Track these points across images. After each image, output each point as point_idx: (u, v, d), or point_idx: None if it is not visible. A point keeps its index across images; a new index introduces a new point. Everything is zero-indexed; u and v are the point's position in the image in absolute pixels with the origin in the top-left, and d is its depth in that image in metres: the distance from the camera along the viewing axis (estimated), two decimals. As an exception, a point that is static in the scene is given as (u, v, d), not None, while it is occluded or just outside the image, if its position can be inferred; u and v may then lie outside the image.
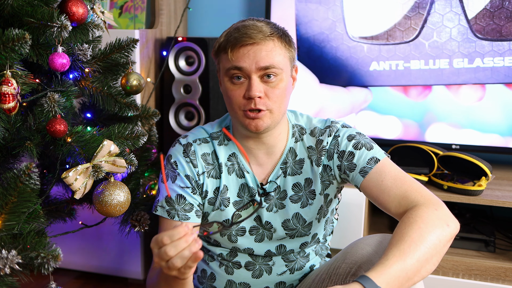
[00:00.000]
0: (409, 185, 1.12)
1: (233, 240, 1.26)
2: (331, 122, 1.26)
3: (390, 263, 0.95)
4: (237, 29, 1.14)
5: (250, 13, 2.34)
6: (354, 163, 1.19)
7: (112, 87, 1.39)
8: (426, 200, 1.08)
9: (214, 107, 2.03)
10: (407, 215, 1.04)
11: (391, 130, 2.02)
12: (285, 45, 1.17)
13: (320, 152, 1.23)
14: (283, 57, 1.16)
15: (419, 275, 0.97)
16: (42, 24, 1.08)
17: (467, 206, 1.95)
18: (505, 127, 1.91)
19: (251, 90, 1.13)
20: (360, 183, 1.18)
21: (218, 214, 1.25)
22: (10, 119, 1.14)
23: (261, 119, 1.15)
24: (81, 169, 1.18)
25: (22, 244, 1.01)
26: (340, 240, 1.80)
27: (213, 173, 1.25)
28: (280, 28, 1.18)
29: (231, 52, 1.14)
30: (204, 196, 1.25)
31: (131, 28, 2.10)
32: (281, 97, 1.16)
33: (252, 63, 1.12)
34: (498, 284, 1.69)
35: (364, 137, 1.23)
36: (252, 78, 1.13)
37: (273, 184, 1.25)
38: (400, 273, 0.94)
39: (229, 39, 1.15)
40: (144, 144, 1.48)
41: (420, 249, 0.97)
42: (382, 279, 0.92)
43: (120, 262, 2.01)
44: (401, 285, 0.95)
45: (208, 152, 1.26)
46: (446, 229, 1.02)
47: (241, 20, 1.19)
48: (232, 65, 1.14)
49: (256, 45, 1.13)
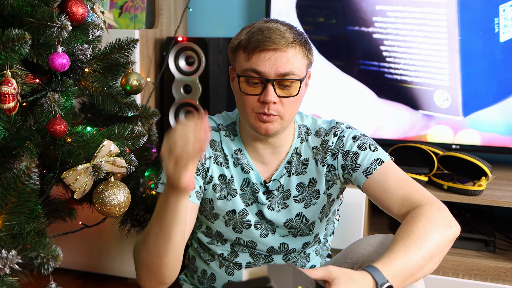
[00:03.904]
0: (412, 187, 1.13)
1: (238, 231, 1.26)
2: (336, 123, 1.26)
3: (396, 257, 0.95)
4: (260, 31, 1.12)
5: (250, 14, 2.34)
6: (358, 163, 1.19)
7: (112, 87, 1.39)
8: (429, 201, 1.09)
9: (214, 107, 2.03)
10: (412, 214, 1.05)
11: (392, 130, 2.02)
12: (305, 53, 1.16)
13: (325, 152, 1.24)
14: (301, 64, 1.15)
15: (421, 272, 0.98)
16: (42, 24, 1.08)
17: (467, 206, 1.95)
18: (505, 127, 1.91)
19: (267, 95, 1.12)
20: (363, 183, 1.18)
21: (224, 204, 1.25)
22: (10, 119, 1.14)
23: (272, 123, 1.15)
24: (81, 169, 1.18)
25: (22, 244, 1.01)
26: (341, 240, 1.80)
27: (220, 159, 1.25)
28: (302, 34, 1.16)
29: (252, 54, 1.12)
30: (208, 181, 1.25)
31: (131, 28, 2.10)
32: (294, 104, 1.16)
33: (271, 69, 1.11)
34: (498, 284, 1.69)
35: (369, 139, 1.24)
36: (269, 83, 1.12)
37: (276, 182, 1.25)
38: (405, 267, 0.95)
39: (251, 39, 1.12)
40: (144, 144, 1.48)
41: (424, 245, 0.98)
42: (388, 271, 0.93)
43: (120, 262, 2.01)
44: (404, 280, 0.95)
45: (216, 140, 1.26)
46: (449, 230, 1.03)
47: (264, 20, 1.17)
48: (251, 67, 1.12)
49: (278, 51, 1.11)
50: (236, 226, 1.26)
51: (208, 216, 1.27)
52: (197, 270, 1.36)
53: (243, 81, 1.15)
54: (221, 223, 1.27)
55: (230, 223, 1.26)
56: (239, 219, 1.25)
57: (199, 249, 1.35)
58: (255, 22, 1.17)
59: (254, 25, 1.15)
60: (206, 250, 1.33)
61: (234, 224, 1.26)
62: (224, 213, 1.25)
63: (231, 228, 1.27)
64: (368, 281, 0.90)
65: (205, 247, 1.33)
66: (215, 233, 1.30)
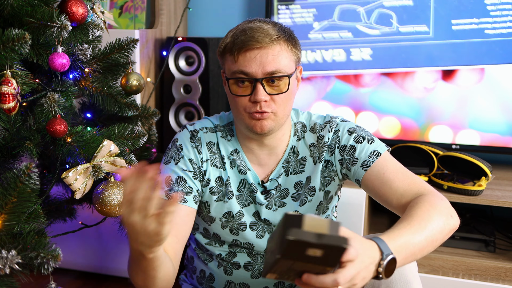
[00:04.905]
0: (411, 179, 1.14)
1: (235, 233, 1.26)
2: (330, 117, 1.26)
3: (401, 233, 0.96)
4: (244, 32, 1.13)
5: (250, 14, 2.33)
6: (355, 156, 1.20)
7: (112, 87, 1.39)
8: (431, 191, 1.10)
9: (214, 107, 2.03)
10: (415, 200, 1.06)
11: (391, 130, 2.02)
12: (291, 48, 1.16)
13: (321, 148, 1.24)
14: (289, 60, 1.15)
15: (421, 253, 0.98)
16: (42, 24, 1.09)
17: (467, 206, 1.95)
18: (505, 127, 1.91)
19: (257, 94, 1.12)
20: (362, 177, 1.18)
21: (221, 206, 1.25)
22: (10, 119, 1.14)
23: (266, 121, 1.15)
24: (81, 169, 1.18)
25: (22, 244, 1.01)
26: (340, 240, 1.80)
27: (216, 162, 1.25)
28: (286, 30, 1.17)
29: (237, 55, 1.13)
30: (205, 184, 1.25)
31: (131, 28, 2.10)
32: (286, 100, 1.16)
33: (258, 68, 1.12)
34: (498, 284, 1.69)
35: (365, 131, 1.24)
36: (258, 82, 1.12)
37: (274, 182, 1.25)
38: (408, 245, 0.95)
39: (235, 41, 1.13)
40: (144, 143, 1.48)
41: (428, 227, 0.99)
42: (393, 244, 0.92)
43: (120, 262, 2.01)
44: (405, 257, 0.95)
45: (213, 141, 1.26)
46: (450, 220, 1.04)
47: (247, 21, 1.18)
48: (238, 69, 1.13)
49: (263, 49, 1.12)
50: (232, 228, 1.26)
51: (205, 218, 1.27)
52: (196, 270, 1.36)
53: (232, 83, 1.15)
54: (217, 226, 1.27)
55: (226, 225, 1.26)
56: (235, 221, 1.25)
57: (197, 250, 1.35)
58: (239, 24, 1.18)
59: (238, 27, 1.16)
60: (204, 251, 1.33)
61: (230, 226, 1.26)
62: (221, 215, 1.25)
63: (227, 231, 1.27)
64: (375, 250, 0.90)
65: (203, 248, 1.33)
66: (212, 235, 1.30)
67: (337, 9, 1.93)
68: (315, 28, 1.97)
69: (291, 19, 2.04)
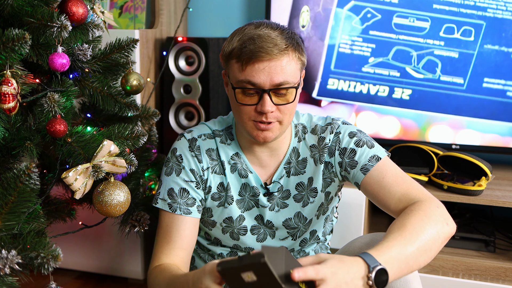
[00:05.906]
0: (409, 184, 1.13)
1: (235, 238, 1.26)
2: (331, 119, 1.26)
3: (391, 245, 0.95)
4: (252, 40, 1.09)
5: (250, 14, 2.34)
6: (355, 160, 1.19)
7: (112, 87, 1.39)
8: (428, 198, 1.09)
9: (214, 107, 2.03)
10: (410, 208, 1.05)
11: (391, 130, 2.02)
12: (298, 56, 1.14)
13: (322, 149, 1.24)
14: (295, 69, 1.13)
15: (416, 264, 0.97)
16: (42, 24, 1.08)
17: (467, 206, 1.95)
18: (505, 127, 1.91)
19: (264, 105, 1.11)
20: (361, 180, 1.18)
21: (221, 211, 1.25)
22: (10, 119, 1.14)
23: (270, 131, 1.15)
24: (81, 169, 1.18)
25: (22, 244, 1.01)
26: (340, 240, 1.80)
27: (217, 169, 1.25)
28: (293, 36, 1.14)
29: (246, 65, 1.10)
30: (207, 192, 1.25)
31: (131, 28, 2.10)
32: (291, 109, 1.16)
33: (266, 79, 1.10)
34: (498, 284, 1.69)
35: (365, 135, 1.24)
36: (265, 93, 1.11)
37: (276, 184, 1.25)
38: (400, 256, 0.94)
39: (243, 50, 1.10)
40: (144, 144, 1.48)
41: (420, 238, 0.97)
42: (381, 257, 0.92)
43: (120, 262, 2.01)
44: (399, 268, 0.94)
45: (212, 148, 1.26)
46: (446, 227, 1.03)
47: (253, 25, 1.14)
48: (246, 78, 1.11)
49: (272, 61, 1.09)
50: (233, 233, 1.26)
51: (206, 223, 1.28)
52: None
53: (239, 92, 1.13)
54: (218, 231, 1.27)
55: (227, 231, 1.26)
56: (236, 226, 1.26)
57: (198, 250, 1.35)
58: (245, 26, 1.15)
59: (245, 32, 1.12)
60: (205, 251, 1.34)
61: (231, 231, 1.26)
62: (221, 220, 1.26)
63: (228, 236, 1.27)
64: (360, 265, 0.89)
65: (204, 248, 1.33)
66: (213, 239, 1.30)
67: (394, 48, 1.98)
68: (369, 63, 2.00)
69: (350, 50, 2.04)
